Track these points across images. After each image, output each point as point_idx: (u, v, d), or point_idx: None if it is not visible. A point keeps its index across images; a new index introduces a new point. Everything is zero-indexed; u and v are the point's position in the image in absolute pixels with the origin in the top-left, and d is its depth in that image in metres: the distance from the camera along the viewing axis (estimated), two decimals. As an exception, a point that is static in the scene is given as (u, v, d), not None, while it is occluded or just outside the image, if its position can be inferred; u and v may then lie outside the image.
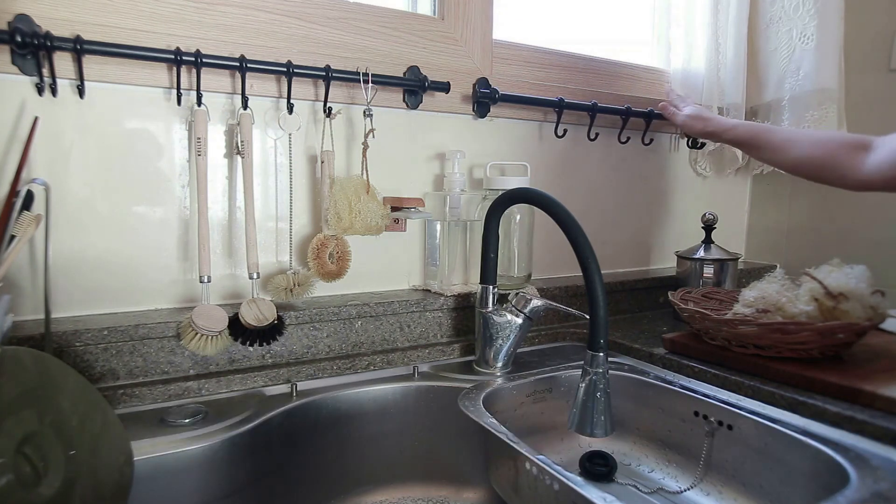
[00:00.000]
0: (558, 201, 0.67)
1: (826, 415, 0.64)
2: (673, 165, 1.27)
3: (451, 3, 0.95)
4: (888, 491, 0.51)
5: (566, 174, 1.11)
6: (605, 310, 0.62)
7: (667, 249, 1.27)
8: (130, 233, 0.75)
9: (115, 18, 0.71)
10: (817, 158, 0.82)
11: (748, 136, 0.91)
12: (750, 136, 0.91)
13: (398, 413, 0.78)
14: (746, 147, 0.93)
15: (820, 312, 0.74)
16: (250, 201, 0.76)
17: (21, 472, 0.46)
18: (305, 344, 0.81)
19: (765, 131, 0.90)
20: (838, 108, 1.14)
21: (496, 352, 0.82)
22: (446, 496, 0.79)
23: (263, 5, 0.80)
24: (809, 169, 0.84)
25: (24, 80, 0.68)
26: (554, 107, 1.02)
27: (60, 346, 0.66)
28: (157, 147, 0.75)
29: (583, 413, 0.63)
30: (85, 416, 0.52)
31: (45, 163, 0.70)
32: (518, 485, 0.59)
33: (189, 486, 0.61)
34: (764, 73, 1.20)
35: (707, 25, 1.18)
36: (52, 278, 0.70)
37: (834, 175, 0.81)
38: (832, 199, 1.24)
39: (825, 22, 1.11)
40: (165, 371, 0.72)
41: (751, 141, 0.91)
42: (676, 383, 0.78)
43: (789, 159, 0.86)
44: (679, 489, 0.74)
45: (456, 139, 0.97)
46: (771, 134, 0.89)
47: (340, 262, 0.83)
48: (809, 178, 0.86)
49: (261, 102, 0.81)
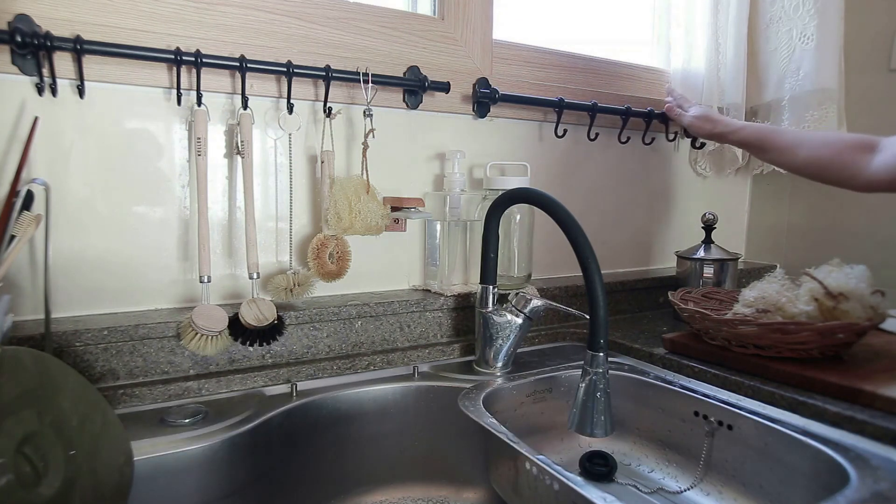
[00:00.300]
0: (558, 201, 0.67)
1: (826, 415, 0.64)
2: (673, 165, 1.27)
3: (451, 3, 0.95)
4: (888, 491, 0.51)
5: (566, 174, 1.11)
6: (605, 310, 0.62)
7: (667, 249, 1.27)
8: (130, 233, 0.75)
9: (115, 18, 0.71)
10: (824, 159, 0.82)
11: (755, 138, 0.91)
12: (757, 138, 0.91)
13: (398, 413, 0.78)
14: (753, 149, 0.93)
15: (820, 312, 0.74)
16: (250, 201, 0.76)
17: (21, 472, 0.46)
18: (305, 344, 0.81)
19: (772, 132, 0.90)
20: (838, 108, 1.14)
21: (496, 352, 0.82)
22: (446, 496, 0.79)
23: (263, 5, 0.80)
24: (816, 170, 0.84)
25: (24, 80, 0.68)
26: (554, 107, 1.02)
27: (60, 346, 0.66)
28: (157, 147, 0.75)
29: (583, 413, 0.63)
30: (85, 416, 0.52)
31: (45, 163, 0.70)
32: (518, 485, 0.59)
33: (189, 486, 0.61)
34: (764, 73, 1.20)
35: (707, 25, 1.18)
36: (52, 278, 0.70)
37: (840, 176, 0.81)
38: (832, 199, 1.24)
39: (825, 22, 1.11)
40: (165, 371, 0.72)
41: (758, 142, 0.91)
42: (676, 383, 0.78)
43: (797, 160, 0.86)
44: (679, 489, 0.74)
45: (456, 139, 0.97)
46: (778, 135, 0.89)
47: (340, 262, 0.83)
48: (816, 178, 0.86)
49: (261, 102, 0.81)
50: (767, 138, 0.89)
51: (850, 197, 0.97)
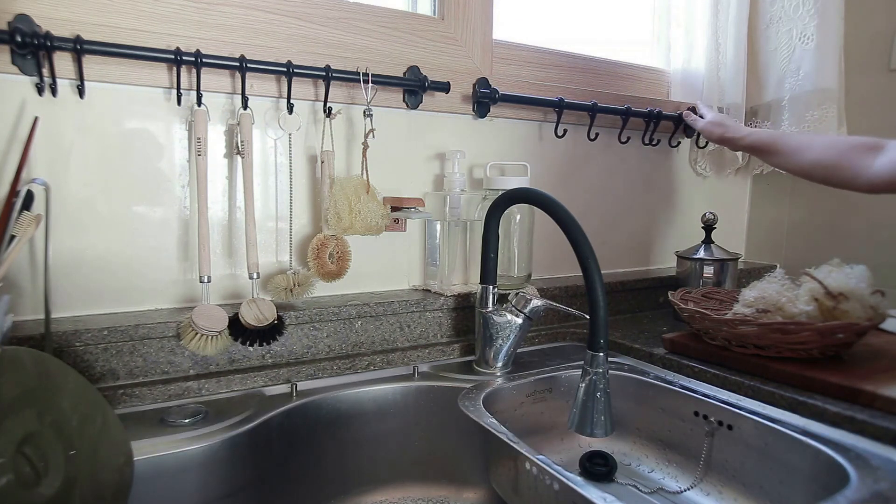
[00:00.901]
0: (558, 201, 0.67)
1: (826, 415, 0.64)
2: (673, 165, 1.27)
3: (451, 3, 0.95)
4: (888, 491, 0.51)
5: (566, 174, 1.11)
6: (605, 310, 0.62)
7: (667, 249, 1.27)
8: (130, 233, 0.75)
9: (115, 18, 0.71)
10: (829, 161, 0.83)
11: (764, 143, 0.93)
12: (766, 143, 0.92)
13: (398, 413, 0.78)
14: (763, 153, 0.95)
15: (820, 312, 0.74)
16: (250, 201, 0.76)
17: (21, 472, 0.46)
18: (305, 344, 0.81)
19: (779, 137, 0.91)
20: (838, 108, 1.14)
21: (496, 352, 0.82)
22: (446, 496, 0.79)
23: (263, 5, 0.80)
24: (822, 171, 0.85)
25: (24, 80, 0.68)
26: (554, 107, 1.02)
27: (60, 346, 0.66)
28: (157, 147, 0.75)
29: (583, 413, 0.63)
30: (85, 416, 0.52)
31: (45, 163, 0.70)
32: (518, 485, 0.59)
33: (189, 486, 0.61)
34: (764, 73, 1.20)
35: (707, 25, 1.18)
36: (52, 278, 0.70)
37: (845, 177, 0.82)
38: (832, 199, 1.24)
39: (825, 22, 1.11)
40: (165, 371, 0.72)
41: (767, 147, 0.92)
42: (676, 383, 0.78)
43: (804, 163, 0.87)
44: (679, 489, 0.74)
45: (456, 139, 0.97)
46: (786, 139, 0.90)
47: (340, 262, 0.83)
48: (822, 181, 0.86)
49: (261, 102, 0.81)
50: (776, 142, 0.91)
51: (850, 197, 0.97)
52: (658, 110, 1.12)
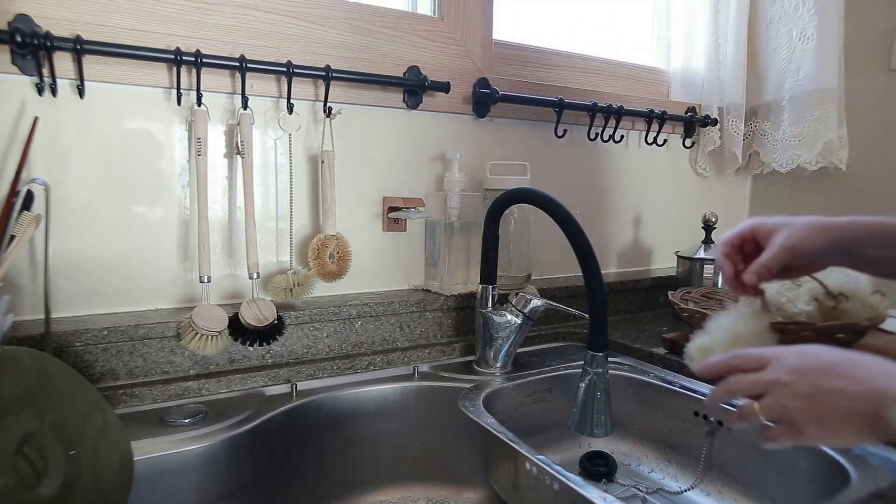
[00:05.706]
0: (558, 201, 0.67)
1: (826, 415, 0.64)
2: (673, 165, 1.27)
3: (451, 3, 0.95)
4: (888, 491, 0.51)
5: (566, 174, 1.11)
6: (605, 310, 0.62)
7: (667, 249, 1.26)
8: (130, 233, 0.75)
9: (115, 18, 0.71)
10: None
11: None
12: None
13: (398, 413, 0.78)
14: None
15: (820, 312, 0.74)
16: (250, 201, 0.76)
17: (21, 472, 0.46)
18: (305, 344, 0.80)
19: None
20: (838, 108, 1.14)
21: (496, 352, 0.81)
22: (446, 496, 0.79)
23: (263, 5, 0.80)
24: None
25: (24, 80, 0.68)
26: (554, 107, 1.02)
27: (60, 346, 0.66)
28: (158, 147, 0.75)
29: (583, 413, 0.63)
30: (85, 416, 0.52)
31: (45, 163, 0.70)
32: (518, 485, 0.59)
33: (189, 486, 0.61)
34: (764, 73, 1.20)
35: (707, 26, 1.18)
36: (52, 278, 0.70)
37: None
38: (832, 199, 1.23)
39: (825, 22, 1.11)
40: (165, 371, 0.72)
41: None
42: (676, 383, 0.78)
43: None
44: (679, 489, 0.74)
45: (456, 139, 0.97)
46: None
47: (341, 262, 0.83)
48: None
49: (261, 102, 0.81)
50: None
51: (849, 197, 0.97)
52: (658, 111, 1.12)
